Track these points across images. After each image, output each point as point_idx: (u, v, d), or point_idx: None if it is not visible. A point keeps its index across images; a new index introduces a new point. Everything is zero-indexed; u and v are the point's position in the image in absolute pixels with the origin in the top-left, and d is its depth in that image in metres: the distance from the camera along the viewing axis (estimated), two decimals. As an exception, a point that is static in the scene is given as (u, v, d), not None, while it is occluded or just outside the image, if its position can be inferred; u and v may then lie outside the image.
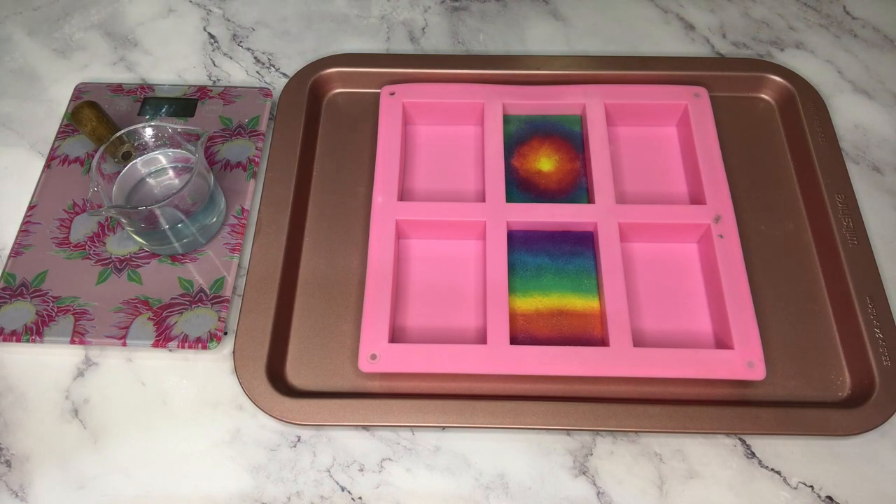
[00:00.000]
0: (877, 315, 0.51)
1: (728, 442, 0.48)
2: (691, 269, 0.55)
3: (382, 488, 0.47)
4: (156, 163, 0.55)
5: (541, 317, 0.52)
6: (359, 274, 0.54)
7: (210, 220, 0.54)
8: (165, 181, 0.55)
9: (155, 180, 0.55)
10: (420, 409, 0.48)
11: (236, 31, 0.68)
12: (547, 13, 0.69)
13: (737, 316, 0.50)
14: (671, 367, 0.48)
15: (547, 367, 0.49)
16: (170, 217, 0.51)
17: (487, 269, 0.52)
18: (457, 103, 0.60)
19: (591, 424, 0.48)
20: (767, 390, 0.50)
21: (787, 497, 0.47)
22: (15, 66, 0.66)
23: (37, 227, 0.56)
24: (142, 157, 0.55)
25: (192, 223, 0.53)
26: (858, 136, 0.61)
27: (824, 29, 0.68)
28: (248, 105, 0.62)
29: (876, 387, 0.49)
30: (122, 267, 0.54)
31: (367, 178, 0.59)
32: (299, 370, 0.51)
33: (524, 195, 0.57)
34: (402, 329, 0.52)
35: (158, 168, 0.55)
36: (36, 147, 0.61)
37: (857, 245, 0.54)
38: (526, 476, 0.47)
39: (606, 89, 0.60)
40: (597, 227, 0.54)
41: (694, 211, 0.55)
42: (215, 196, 0.54)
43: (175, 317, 0.51)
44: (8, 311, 0.52)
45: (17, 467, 0.48)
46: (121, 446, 0.48)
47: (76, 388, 0.50)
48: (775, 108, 0.63)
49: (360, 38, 0.67)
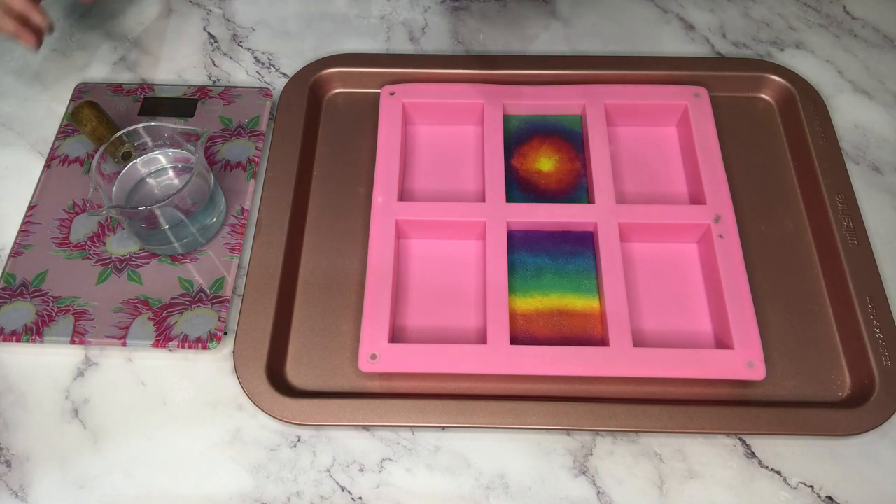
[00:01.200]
0: (877, 315, 0.51)
1: (728, 442, 0.48)
2: (691, 269, 0.55)
3: (382, 488, 0.47)
4: (156, 163, 0.55)
5: (541, 317, 0.52)
6: (359, 274, 0.54)
7: (210, 220, 0.54)
8: (165, 181, 0.55)
9: (155, 180, 0.55)
10: (420, 409, 0.48)
11: (236, 31, 0.68)
12: (547, 13, 0.69)
13: (737, 316, 0.50)
14: (671, 367, 0.48)
15: (547, 367, 0.49)
16: (170, 217, 0.51)
17: (487, 269, 0.52)
18: (457, 103, 0.60)
19: (591, 424, 0.48)
20: (767, 390, 0.50)
21: (787, 497, 0.47)
22: (15, 66, 0.66)
23: (37, 227, 0.56)
24: (142, 157, 0.55)
25: (192, 223, 0.53)
26: (858, 136, 0.61)
27: (824, 29, 0.68)
28: (248, 105, 0.62)
29: (876, 387, 0.49)
30: (122, 267, 0.54)
31: (367, 178, 0.59)
32: (299, 370, 0.51)
33: (524, 195, 0.57)
34: (402, 329, 0.52)
35: (158, 168, 0.55)
36: (36, 147, 0.61)
37: (857, 245, 0.54)
38: (526, 476, 0.47)
39: (606, 89, 0.60)
40: (597, 227, 0.54)
41: (694, 211, 0.55)
42: (215, 196, 0.54)
43: (175, 317, 0.51)
44: (8, 311, 0.52)
45: (17, 467, 0.48)
46: (121, 446, 0.48)
47: (76, 388, 0.50)
48: (775, 108, 0.63)
49: (360, 38, 0.67)
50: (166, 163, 0.55)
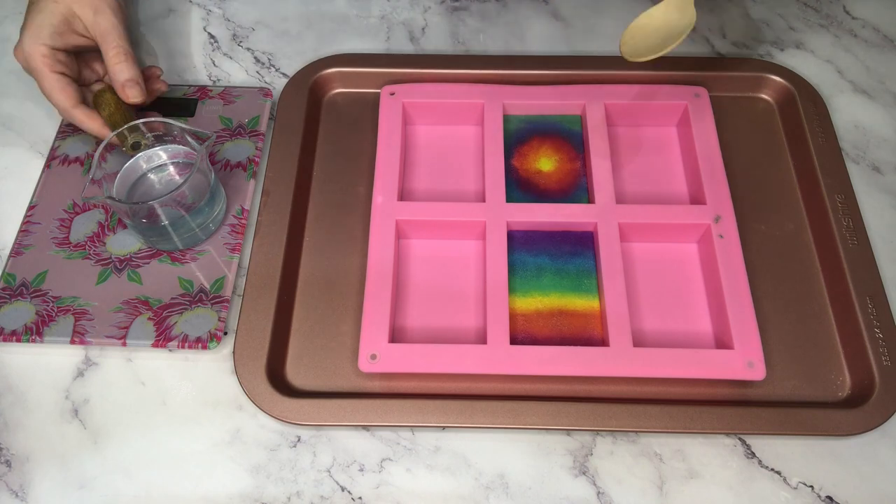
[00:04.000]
0: (877, 315, 0.51)
1: (728, 442, 0.48)
2: (691, 269, 0.55)
3: (382, 488, 0.47)
4: (157, 159, 0.55)
5: (541, 317, 0.52)
6: (359, 274, 0.54)
7: (210, 217, 0.54)
8: (166, 177, 0.55)
9: (156, 176, 0.55)
10: (420, 409, 0.48)
11: (236, 31, 0.68)
12: (547, 13, 0.69)
13: (737, 316, 0.50)
14: (671, 367, 0.48)
15: (547, 367, 0.49)
16: (170, 213, 0.51)
17: (487, 269, 0.52)
18: (457, 103, 0.60)
19: (591, 424, 0.48)
20: (767, 390, 0.50)
21: (787, 497, 0.47)
22: (15, 66, 0.65)
23: (37, 227, 0.56)
24: (145, 153, 0.54)
25: (192, 219, 0.53)
26: (858, 136, 0.61)
27: (824, 29, 0.68)
28: (248, 105, 0.62)
29: (876, 387, 0.49)
30: (122, 267, 0.54)
31: (367, 178, 0.59)
32: (299, 370, 0.51)
33: (524, 195, 0.57)
34: (402, 329, 0.52)
35: (160, 164, 0.55)
36: (36, 147, 0.61)
37: (857, 245, 0.54)
38: (526, 476, 0.47)
39: (606, 89, 0.60)
40: (597, 227, 0.54)
41: (694, 211, 0.55)
42: (216, 193, 0.54)
43: (175, 317, 0.51)
44: (8, 311, 0.52)
45: (17, 467, 0.48)
46: (121, 446, 0.48)
47: (76, 388, 0.50)
48: (775, 108, 0.63)
49: (360, 38, 0.67)
50: (167, 159, 0.56)
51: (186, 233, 0.53)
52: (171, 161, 0.56)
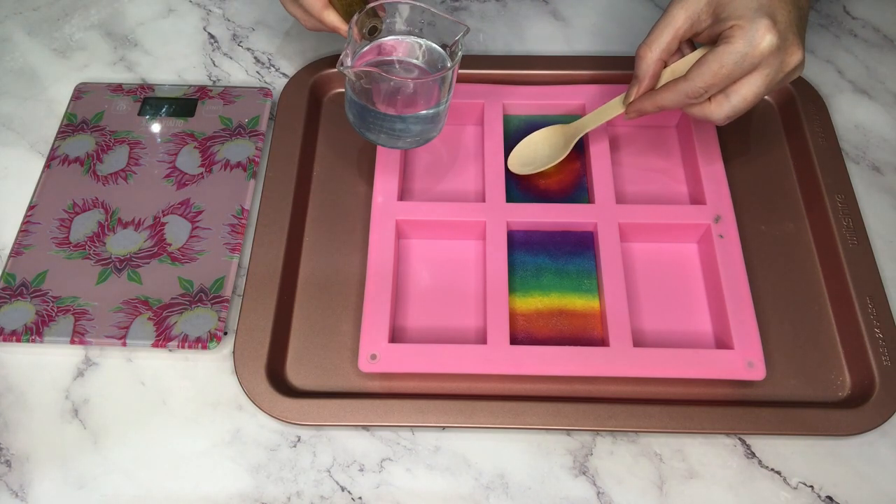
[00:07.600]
0: (877, 315, 0.51)
1: (728, 442, 0.48)
2: (691, 269, 0.55)
3: (382, 488, 0.47)
4: (394, 52, 0.53)
5: (541, 317, 0.52)
6: (359, 274, 0.54)
7: (428, 129, 0.53)
8: (401, 71, 0.53)
9: (396, 65, 0.53)
10: (420, 409, 0.48)
11: (236, 31, 0.68)
12: (547, 13, 0.69)
13: (737, 316, 0.50)
14: (671, 367, 0.48)
15: (547, 367, 0.49)
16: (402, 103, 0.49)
17: (487, 269, 0.52)
18: (457, 103, 0.60)
19: (591, 424, 0.48)
20: (767, 390, 0.50)
21: (787, 497, 0.47)
22: (15, 66, 0.66)
23: (37, 227, 0.56)
24: (387, 38, 0.52)
25: (413, 122, 0.51)
26: (858, 136, 0.61)
27: (824, 29, 0.68)
28: (248, 105, 0.62)
29: (876, 387, 0.49)
30: (122, 267, 0.54)
31: (367, 178, 0.59)
32: (299, 370, 0.51)
33: (524, 195, 0.57)
34: (402, 329, 0.52)
35: (395, 58, 0.53)
36: (36, 147, 0.61)
37: (857, 245, 0.54)
38: (526, 476, 0.47)
39: (606, 89, 0.60)
40: (597, 228, 0.54)
41: (694, 211, 0.55)
42: (441, 112, 0.52)
43: (175, 317, 0.51)
44: (8, 311, 0.52)
45: (17, 467, 0.48)
46: (121, 446, 0.48)
47: (76, 388, 0.50)
48: (775, 108, 0.63)
49: (360, 38, 0.67)
50: (404, 55, 0.53)
51: (401, 130, 0.52)
52: (400, 59, 0.53)
